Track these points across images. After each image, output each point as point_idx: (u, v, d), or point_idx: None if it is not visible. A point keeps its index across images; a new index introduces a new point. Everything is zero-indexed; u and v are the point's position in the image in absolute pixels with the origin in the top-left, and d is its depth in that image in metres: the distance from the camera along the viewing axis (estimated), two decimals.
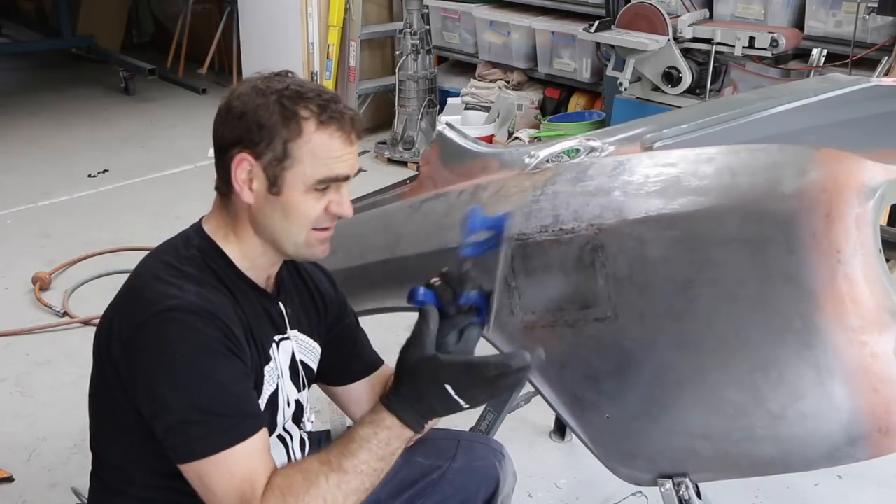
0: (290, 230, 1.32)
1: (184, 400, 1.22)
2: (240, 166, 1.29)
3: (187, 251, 1.34)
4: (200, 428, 1.21)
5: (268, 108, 1.28)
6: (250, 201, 1.32)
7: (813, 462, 1.34)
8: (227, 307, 1.29)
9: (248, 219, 1.34)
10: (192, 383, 1.22)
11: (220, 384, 1.23)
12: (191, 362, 1.22)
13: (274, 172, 1.29)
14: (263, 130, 1.27)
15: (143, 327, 1.24)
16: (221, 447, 1.21)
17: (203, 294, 1.27)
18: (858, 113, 1.91)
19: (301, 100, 1.28)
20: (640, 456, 1.45)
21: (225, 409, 1.23)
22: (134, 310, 1.27)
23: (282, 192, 1.30)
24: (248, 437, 1.23)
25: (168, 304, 1.24)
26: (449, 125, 1.93)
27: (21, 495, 2.45)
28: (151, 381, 1.23)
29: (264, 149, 1.28)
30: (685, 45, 4.15)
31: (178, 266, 1.31)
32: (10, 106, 6.30)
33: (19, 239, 4.18)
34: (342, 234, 2.00)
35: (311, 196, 1.30)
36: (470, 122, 5.21)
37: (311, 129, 1.28)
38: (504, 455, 1.68)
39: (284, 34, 5.50)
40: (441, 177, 1.87)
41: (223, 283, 1.33)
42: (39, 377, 3.03)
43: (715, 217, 1.35)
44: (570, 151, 1.71)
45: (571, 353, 1.45)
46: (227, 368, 1.25)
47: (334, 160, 1.30)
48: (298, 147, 1.28)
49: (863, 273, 1.25)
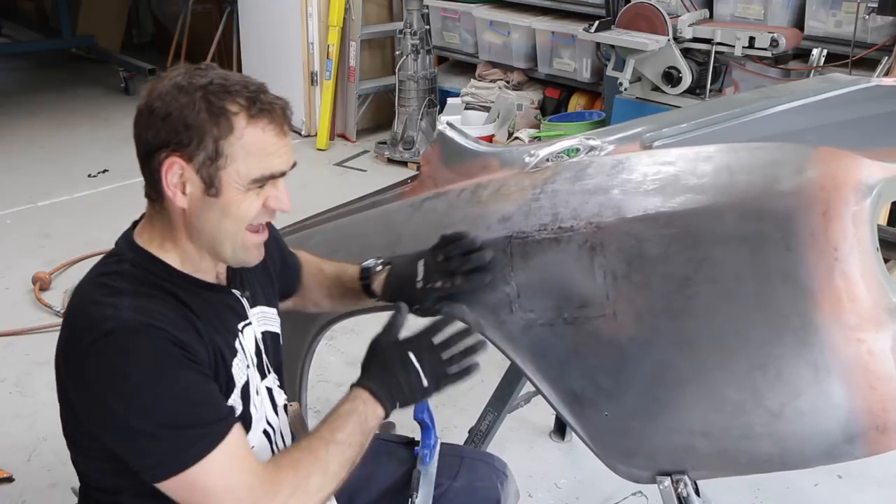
0: (227, 231, 1.26)
1: (147, 421, 1.17)
2: (170, 170, 1.22)
3: (119, 266, 1.27)
4: (172, 443, 1.18)
5: (193, 106, 1.20)
6: (184, 206, 1.25)
7: (811, 459, 1.34)
8: (169, 314, 1.23)
9: (182, 225, 1.28)
10: (149, 402, 1.17)
11: (178, 397, 1.19)
12: (141, 381, 1.17)
13: (209, 173, 1.22)
14: (192, 130, 1.20)
15: (87, 357, 1.19)
16: (200, 455, 1.18)
17: (141, 306, 1.21)
18: (859, 113, 1.91)
19: (227, 94, 1.21)
20: (639, 453, 1.45)
21: (190, 420, 1.19)
22: (74, 340, 1.23)
23: (220, 193, 1.23)
24: (223, 438, 1.20)
25: (105, 328, 1.18)
26: (450, 125, 1.93)
27: (21, 495, 2.45)
28: (107, 410, 1.19)
29: (195, 150, 1.20)
30: (685, 45, 4.16)
31: (109, 284, 1.24)
32: (10, 106, 6.31)
33: (19, 239, 4.19)
34: (343, 234, 2.01)
35: (250, 194, 1.24)
36: (470, 122, 5.21)
37: (242, 124, 1.21)
38: (507, 476, 1.69)
39: (284, 34, 5.51)
40: (442, 176, 1.87)
41: (163, 290, 1.26)
42: (39, 377, 3.03)
43: (713, 215, 1.35)
44: (570, 150, 1.71)
45: (570, 351, 1.45)
46: (182, 379, 1.20)
47: (269, 156, 1.23)
48: (230, 144, 1.21)
49: (860, 271, 1.25)
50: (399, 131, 5.23)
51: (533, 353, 1.53)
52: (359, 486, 1.61)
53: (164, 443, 1.18)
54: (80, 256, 3.92)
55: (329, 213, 2.14)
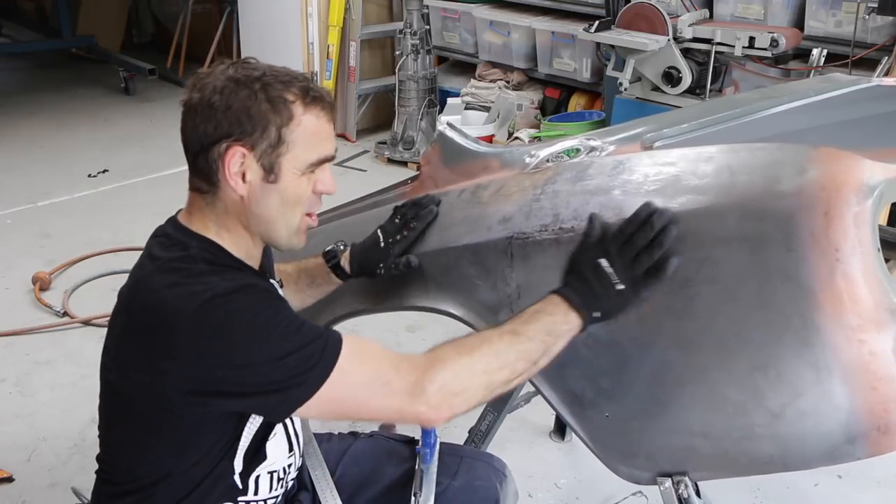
0: (286, 216, 1.33)
1: (272, 357, 1.21)
2: (232, 159, 1.28)
3: (188, 251, 1.30)
4: (304, 361, 1.22)
5: (254, 97, 1.27)
6: (244, 193, 1.30)
7: (812, 460, 1.34)
8: (251, 278, 1.31)
9: (238, 213, 1.33)
10: (271, 340, 1.21)
11: (292, 323, 1.24)
12: (258, 327, 1.21)
13: (270, 160, 1.28)
14: (254, 120, 1.27)
15: (196, 327, 1.20)
16: (334, 358, 1.24)
17: (226, 276, 1.27)
18: (859, 113, 1.91)
19: (282, 84, 1.29)
20: (639, 454, 1.45)
21: (309, 336, 1.24)
22: (168, 323, 1.22)
23: (279, 179, 1.30)
24: (342, 340, 1.26)
25: (203, 298, 1.21)
26: (450, 125, 1.93)
27: (21, 495, 2.45)
28: (231, 365, 1.21)
29: (259, 138, 1.27)
30: (685, 45, 4.16)
31: (187, 267, 1.27)
32: (10, 106, 6.31)
33: (19, 239, 4.19)
34: (343, 234, 2.01)
35: (304, 178, 1.32)
36: (470, 122, 5.21)
37: (300, 111, 1.29)
38: (506, 475, 1.69)
39: (284, 34, 5.51)
40: (442, 176, 1.87)
41: (233, 270, 1.32)
42: (39, 377, 3.03)
43: (714, 215, 1.35)
44: (570, 151, 1.71)
45: (571, 351, 1.45)
46: (285, 311, 1.26)
47: (322, 141, 1.32)
48: (291, 131, 1.28)
49: (861, 271, 1.25)
50: (399, 131, 5.23)
51: None
52: (360, 484, 1.62)
53: (294, 365, 1.21)
54: (80, 256, 3.92)
55: (329, 213, 2.13)
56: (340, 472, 1.64)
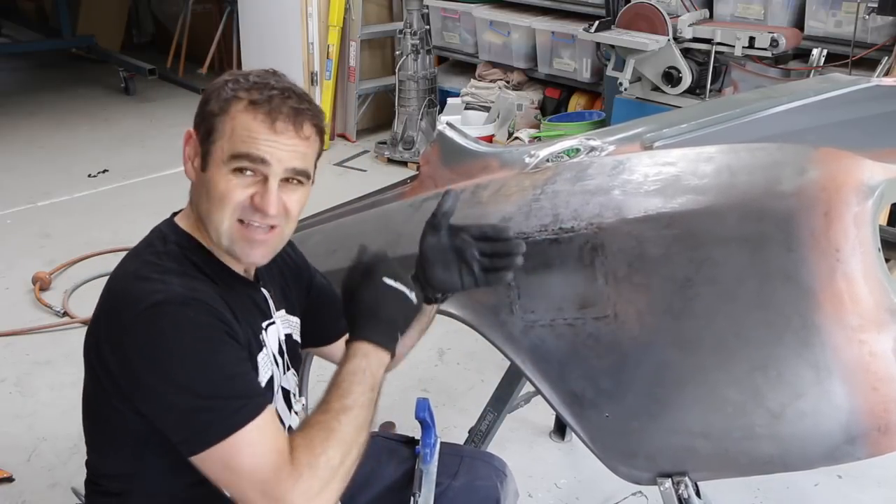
0: (211, 213, 1.30)
1: (188, 391, 1.20)
2: (188, 142, 1.33)
3: (165, 247, 1.32)
4: (209, 414, 1.19)
5: (219, 93, 1.30)
6: (192, 177, 1.34)
7: (812, 461, 1.34)
8: (214, 295, 1.28)
9: (195, 204, 1.35)
10: (193, 373, 1.20)
11: (220, 368, 1.22)
12: (187, 353, 1.20)
13: (205, 147, 1.30)
14: (205, 110, 1.30)
15: (135, 326, 1.22)
16: (236, 427, 1.19)
17: (188, 284, 1.26)
18: (858, 113, 1.91)
19: (249, 84, 1.29)
20: (639, 454, 1.45)
21: (231, 391, 1.21)
22: (120, 312, 1.25)
23: (207, 168, 1.30)
24: (259, 412, 1.21)
25: (154, 300, 1.21)
26: (449, 125, 1.93)
27: (21, 495, 2.45)
28: (151, 379, 1.21)
29: (200, 124, 1.31)
30: (685, 45, 4.16)
31: (157, 262, 1.29)
32: (10, 106, 6.31)
33: (19, 239, 4.19)
34: (343, 234, 2.01)
35: (230, 176, 1.27)
36: (470, 122, 5.21)
37: (240, 108, 1.28)
38: (506, 475, 1.69)
39: (284, 34, 5.51)
40: (441, 176, 1.87)
41: (205, 275, 1.32)
42: (39, 377, 3.03)
43: (714, 216, 1.35)
44: (570, 151, 1.71)
45: (571, 351, 1.45)
46: (224, 352, 1.23)
47: (252, 140, 1.26)
48: (222, 122, 1.28)
49: (861, 272, 1.25)
50: (399, 131, 5.23)
51: (533, 354, 1.53)
52: (360, 484, 1.61)
53: (202, 413, 1.19)
54: (80, 256, 3.92)
55: (329, 213, 2.14)
56: None
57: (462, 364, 3.10)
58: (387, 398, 1.33)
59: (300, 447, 1.21)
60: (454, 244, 1.43)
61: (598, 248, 1.44)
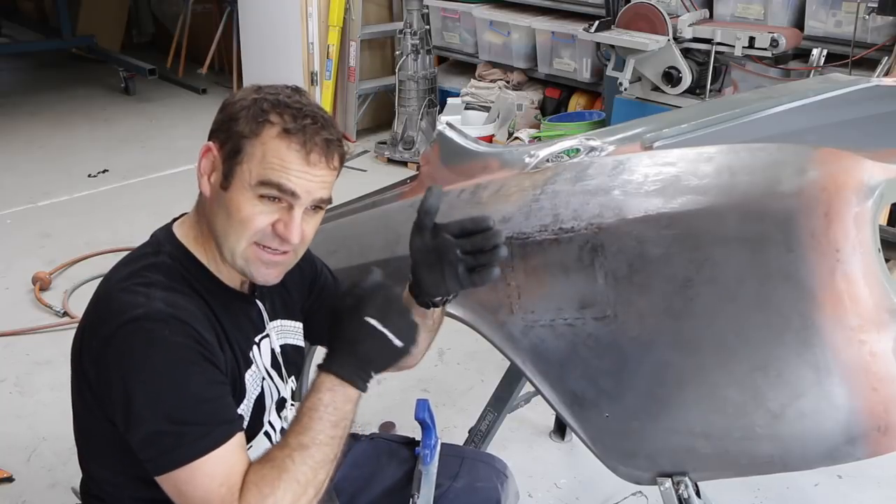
0: (228, 234, 1.27)
1: (155, 411, 1.18)
2: (205, 156, 1.29)
3: (156, 258, 1.30)
4: (174, 438, 1.18)
5: (246, 105, 1.26)
6: (207, 193, 1.29)
7: (812, 461, 1.34)
8: (197, 313, 1.26)
9: (207, 218, 1.31)
10: (163, 394, 1.19)
11: (191, 392, 1.20)
12: (160, 372, 1.19)
13: (229, 166, 1.26)
14: (231, 123, 1.26)
15: (112, 339, 1.21)
16: (196, 455, 1.18)
17: (171, 300, 1.24)
18: (858, 113, 1.91)
19: (279, 107, 1.25)
20: (639, 454, 1.45)
21: (197, 417, 1.19)
22: (101, 322, 1.24)
23: (229, 188, 1.26)
24: (223, 443, 1.19)
25: (134, 314, 1.20)
26: (449, 125, 1.93)
27: (21, 495, 2.45)
28: (122, 394, 1.20)
29: (225, 140, 1.26)
30: (685, 45, 4.16)
31: (144, 274, 1.27)
32: (10, 106, 6.31)
33: (19, 239, 4.19)
34: (343, 234, 2.01)
35: (256, 201, 1.25)
36: (470, 122, 5.21)
37: (273, 133, 1.24)
38: (507, 476, 1.68)
39: (284, 34, 5.50)
40: (441, 176, 1.87)
41: (194, 290, 1.29)
42: (39, 377, 3.03)
43: (714, 216, 1.35)
44: (570, 151, 1.71)
45: (571, 352, 1.45)
46: (198, 375, 1.21)
47: (284, 170, 1.24)
48: (252, 145, 1.24)
49: (861, 272, 1.25)
50: (399, 131, 5.23)
51: (533, 354, 1.53)
52: (360, 485, 1.61)
53: (167, 436, 1.19)
54: (80, 256, 3.92)
55: (329, 213, 2.13)
56: (341, 473, 1.63)
57: (462, 364, 3.10)
58: (387, 398, 1.33)
59: (250, 485, 1.19)
60: (436, 245, 1.37)
61: (598, 249, 1.44)
